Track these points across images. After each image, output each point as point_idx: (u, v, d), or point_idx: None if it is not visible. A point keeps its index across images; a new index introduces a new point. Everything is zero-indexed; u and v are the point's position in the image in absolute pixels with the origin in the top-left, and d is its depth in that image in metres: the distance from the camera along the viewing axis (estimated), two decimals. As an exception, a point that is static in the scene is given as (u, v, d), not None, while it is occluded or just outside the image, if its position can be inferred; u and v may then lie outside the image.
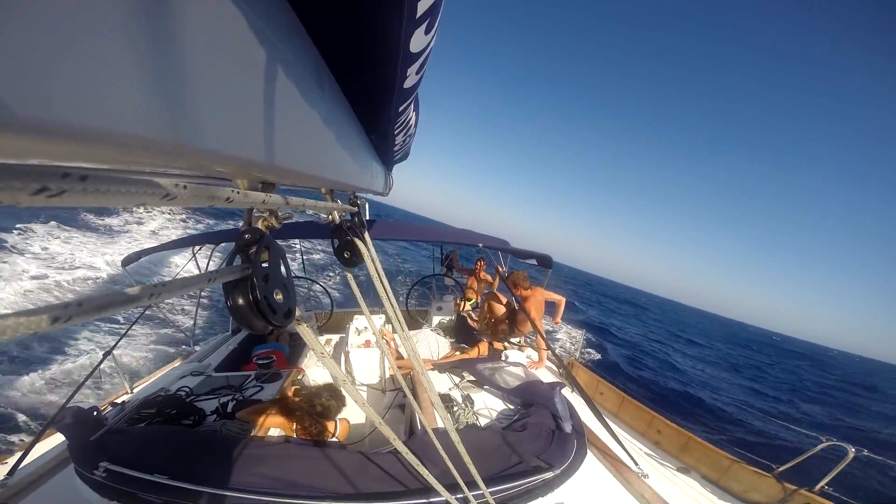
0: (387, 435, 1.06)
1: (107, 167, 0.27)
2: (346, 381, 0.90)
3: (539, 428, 2.25)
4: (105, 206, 0.27)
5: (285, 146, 0.46)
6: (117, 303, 0.30)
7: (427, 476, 1.25)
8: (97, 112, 0.20)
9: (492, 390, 3.01)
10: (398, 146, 1.53)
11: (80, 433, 1.83)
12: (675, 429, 3.45)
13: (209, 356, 3.81)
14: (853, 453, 2.54)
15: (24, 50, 0.15)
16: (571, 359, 5.08)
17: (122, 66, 0.21)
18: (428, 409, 2.52)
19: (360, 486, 1.69)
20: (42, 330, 0.24)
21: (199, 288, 0.42)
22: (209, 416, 2.39)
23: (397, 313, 1.23)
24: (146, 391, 2.83)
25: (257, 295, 0.49)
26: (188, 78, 0.27)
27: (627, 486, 2.19)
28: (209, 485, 1.59)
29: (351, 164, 0.88)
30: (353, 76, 0.70)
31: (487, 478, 1.68)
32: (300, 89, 0.50)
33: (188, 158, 0.30)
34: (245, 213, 0.61)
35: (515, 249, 4.63)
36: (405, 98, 0.90)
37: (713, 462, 3.11)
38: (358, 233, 1.20)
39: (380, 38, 0.59)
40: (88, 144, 0.20)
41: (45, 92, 0.17)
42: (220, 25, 0.31)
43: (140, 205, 0.30)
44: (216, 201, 0.39)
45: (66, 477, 1.87)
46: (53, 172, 0.21)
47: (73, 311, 0.26)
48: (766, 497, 2.80)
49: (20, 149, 0.17)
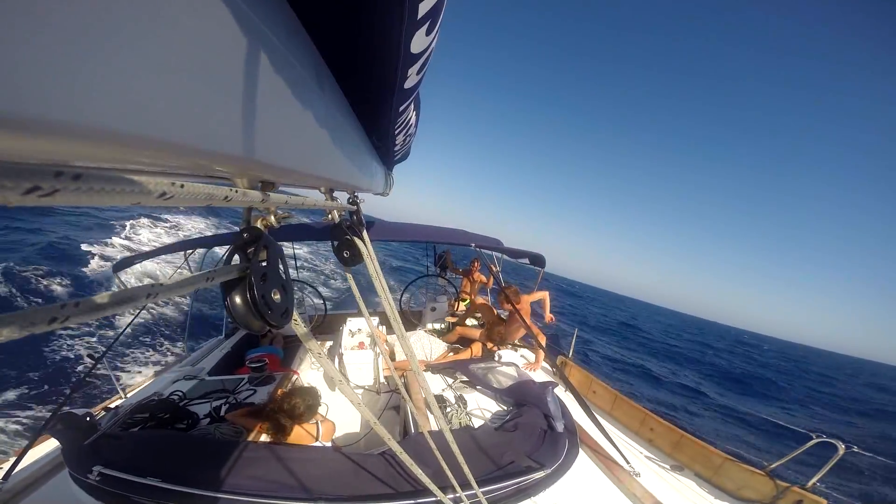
0: (381, 436, 1.06)
1: (101, 166, 0.27)
2: (342, 382, 0.89)
3: (531, 428, 2.26)
4: (99, 205, 0.26)
5: (284, 145, 0.46)
6: (114, 303, 0.29)
7: (421, 476, 1.25)
8: (92, 110, 0.19)
9: (484, 391, 3.02)
10: (398, 146, 1.52)
11: (74, 438, 1.82)
12: (667, 427, 3.47)
13: (202, 360, 3.77)
14: (843, 449, 2.58)
15: (17, 46, 0.15)
16: (564, 358, 5.10)
17: (119, 64, 0.21)
18: (422, 410, 2.52)
19: (355, 486, 1.69)
20: (40, 330, 0.23)
21: (197, 288, 0.42)
22: (202, 420, 2.38)
23: (395, 313, 1.23)
24: (140, 395, 2.81)
25: (255, 294, 0.48)
26: (186, 77, 0.27)
27: (619, 484, 2.20)
28: (203, 488, 1.58)
29: (350, 163, 0.88)
30: (354, 76, 0.70)
31: (480, 478, 1.68)
32: (300, 89, 0.49)
33: (186, 157, 0.29)
34: (244, 212, 0.61)
35: (508, 249, 4.65)
36: (405, 98, 0.90)
37: (706, 460, 3.13)
38: (357, 232, 1.20)
39: (380, 38, 0.59)
40: (82, 143, 0.20)
41: (38, 89, 0.16)
42: (220, 25, 0.30)
43: (135, 204, 0.29)
44: (214, 200, 0.38)
45: (61, 481, 1.87)
46: (45, 171, 0.20)
47: (70, 312, 0.25)
48: (759, 494, 2.82)
49: (10, 147, 0.17)
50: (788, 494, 2.70)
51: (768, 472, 2.87)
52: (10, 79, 0.15)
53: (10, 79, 0.15)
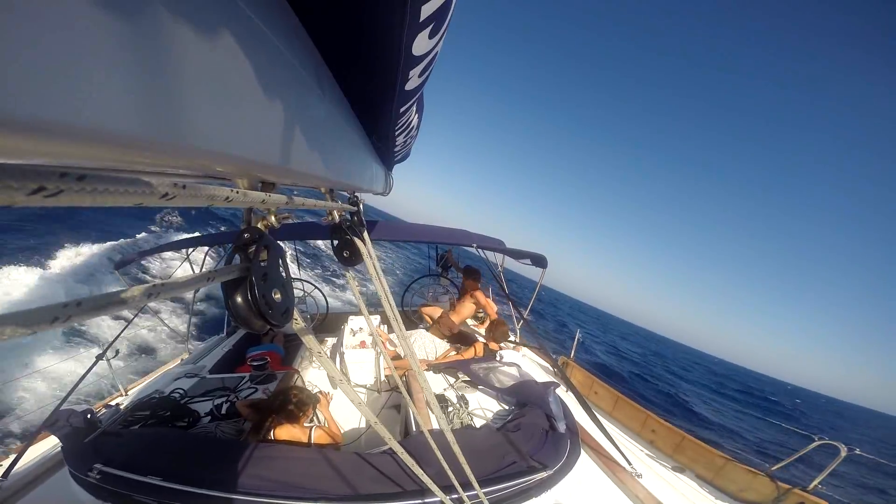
0: (382, 435, 1.06)
1: (105, 167, 0.27)
2: (343, 381, 0.90)
3: (533, 428, 2.25)
4: (103, 206, 0.26)
5: (285, 146, 0.46)
6: (116, 302, 0.30)
7: (422, 476, 1.25)
8: (96, 111, 0.19)
9: (486, 390, 3.02)
10: (399, 147, 1.52)
11: (75, 435, 1.82)
12: (669, 428, 3.47)
13: (204, 358, 3.79)
14: (845, 452, 2.56)
15: (22, 48, 0.15)
16: (566, 358, 5.09)
17: (122, 66, 0.21)
18: (423, 409, 2.52)
19: (355, 486, 1.69)
20: (42, 330, 0.23)
21: (198, 287, 0.42)
22: (203, 418, 2.38)
23: (395, 313, 1.23)
24: (140, 393, 2.81)
25: (256, 294, 0.49)
26: (188, 78, 0.27)
27: (621, 485, 2.20)
28: (203, 486, 1.58)
29: (350, 163, 0.88)
30: (354, 77, 0.70)
31: (482, 478, 1.68)
32: (300, 89, 0.49)
33: (188, 158, 0.30)
34: (244, 212, 0.61)
35: (510, 250, 4.63)
36: (406, 100, 0.90)
37: (707, 461, 3.13)
38: (357, 232, 1.20)
39: (380, 39, 0.59)
40: (86, 144, 0.20)
41: (42, 91, 0.16)
42: (221, 26, 0.31)
43: (138, 205, 0.29)
44: (215, 201, 0.39)
45: (61, 479, 1.86)
46: (51, 172, 0.20)
47: (73, 311, 0.25)
48: (761, 496, 2.82)
49: (17, 148, 0.17)
50: (790, 496, 2.69)
51: (770, 473, 2.86)
52: (12, 80, 0.15)
53: (11, 80, 0.15)
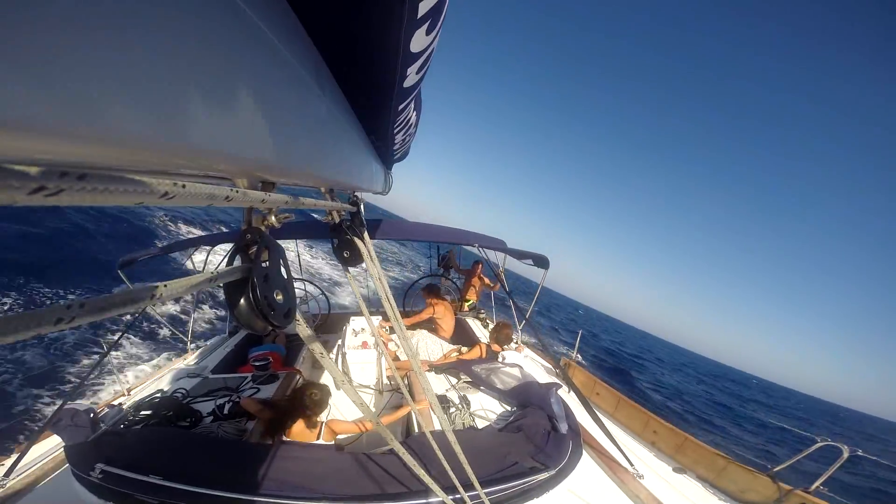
0: (384, 435, 1.06)
1: (105, 166, 0.27)
2: (344, 382, 0.90)
3: (535, 429, 2.25)
4: (103, 205, 0.26)
5: (284, 145, 0.46)
6: (119, 303, 0.30)
7: (424, 477, 1.25)
8: (96, 111, 0.19)
9: (488, 391, 3.01)
10: (398, 145, 1.53)
11: (77, 435, 1.83)
12: (670, 429, 3.46)
13: (206, 358, 3.79)
14: (847, 453, 2.55)
15: (23, 49, 0.15)
16: (568, 359, 5.08)
17: (121, 66, 0.21)
18: (425, 410, 2.52)
19: (357, 487, 1.69)
20: (46, 331, 0.24)
21: (200, 288, 0.42)
22: (206, 418, 2.38)
23: (396, 313, 1.23)
24: (143, 393, 2.82)
25: (258, 295, 0.49)
26: (187, 78, 0.27)
27: (623, 486, 2.19)
28: (205, 486, 1.59)
29: (350, 163, 0.88)
30: (353, 75, 0.70)
31: (483, 479, 1.68)
32: (299, 88, 0.49)
33: (188, 158, 0.30)
34: (245, 212, 0.61)
35: (512, 250, 4.63)
36: (405, 97, 0.90)
37: (709, 462, 3.12)
38: (357, 232, 1.20)
39: (380, 37, 0.59)
40: (87, 144, 0.20)
41: (43, 91, 0.16)
42: (220, 25, 0.31)
43: (139, 204, 0.29)
44: (215, 200, 0.39)
45: (63, 478, 1.87)
46: (51, 171, 0.20)
47: (76, 313, 0.25)
48: (762, 497, 2.80)
49: (17, 147, 0.17)
50: (792, 497, 2.68)
51: (772, 474, 2.85)
52: (12, 80, 0.15)
53: (12, 81, 0.15)
